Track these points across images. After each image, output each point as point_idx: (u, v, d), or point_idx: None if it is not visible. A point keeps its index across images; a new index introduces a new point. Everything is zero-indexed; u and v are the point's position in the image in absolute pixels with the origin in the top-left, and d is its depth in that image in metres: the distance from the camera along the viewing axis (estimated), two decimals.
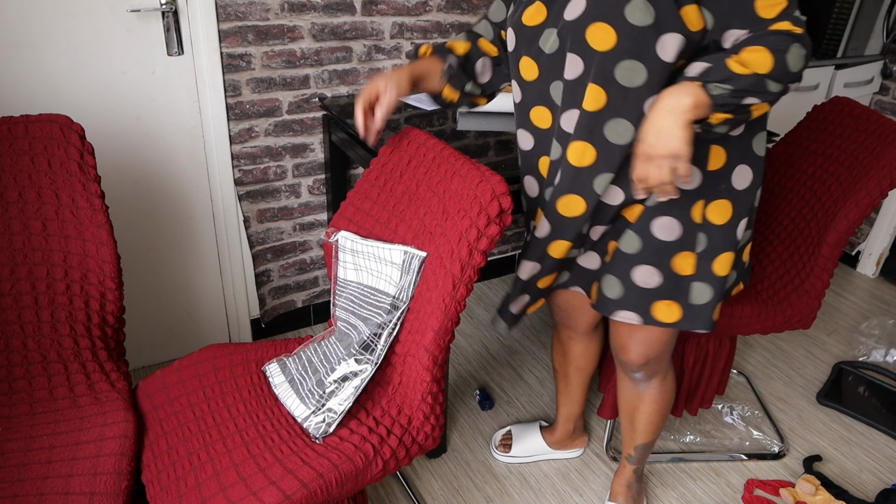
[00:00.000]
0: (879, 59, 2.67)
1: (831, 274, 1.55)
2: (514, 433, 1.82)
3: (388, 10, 1.98)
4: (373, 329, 1.24)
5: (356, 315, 1.29)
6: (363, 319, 1.26)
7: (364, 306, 1.28)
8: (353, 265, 1.32)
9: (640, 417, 1.48)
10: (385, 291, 1.24)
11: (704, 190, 1.17)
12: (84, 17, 1.59)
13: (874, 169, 1.47)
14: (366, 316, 1.26)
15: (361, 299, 1.29)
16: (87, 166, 1.31)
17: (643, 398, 1.45)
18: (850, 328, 2.50)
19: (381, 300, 1.25)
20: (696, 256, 1.21)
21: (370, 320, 1.25)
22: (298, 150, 2.03)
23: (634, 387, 1.45)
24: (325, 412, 1.18)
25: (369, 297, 1.27)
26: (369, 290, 1.28)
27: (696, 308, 1.25)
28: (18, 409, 1.23)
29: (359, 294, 1.30)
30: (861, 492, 1.77)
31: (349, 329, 1.29)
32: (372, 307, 1.26)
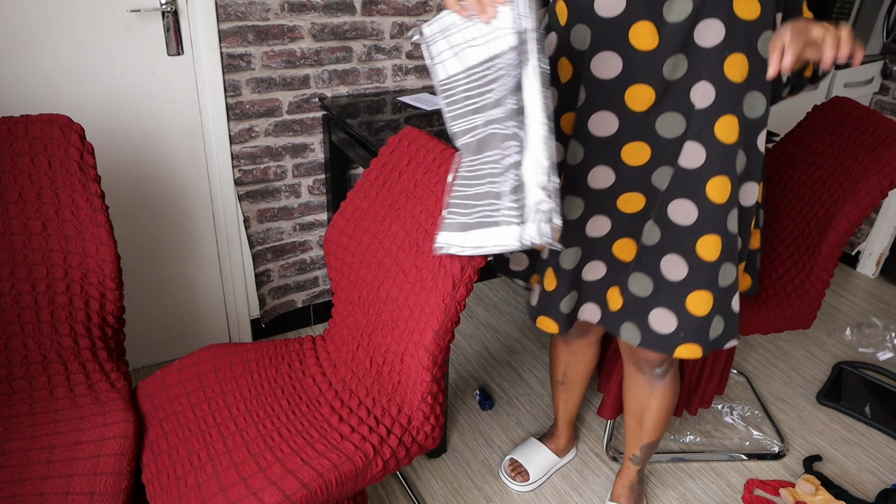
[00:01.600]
0: (879, 59, 2.67)
1: (831, 274, 1.55)
2: (521, 458, 1.75)
3: (388, 10, 1.98)
4: (508, 89, 0.94)
5: (483, 108, 1.00)
6: (495, 105, 0.98)
7: (487, 91, 0.98)
8: (450, 50, 1.01)
9: (649, 415, 1.48)
10: (504, 50, 0.94)
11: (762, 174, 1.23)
12: (84, 17, 1.59)
13: (874, 169, 1.47)
14: (497, 98, 0.97)
15: (481, 85, 1.00)
16: (87, 166, 1.31)
17: (655, 394, 1.45)
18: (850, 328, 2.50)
19: (506, 60, 0.94)
20: (759, 231, 1.27)
21: (505, 95, 0.96)
22: (298, 150, 2.03)
23: (648, 384, 1.44)
24: (533, 212, 0.93)
25: (488, 74, 0.98)
26: (484, 66, 0.98)
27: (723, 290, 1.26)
28: (18, 409, 1.23)
29: (474, 83, 1.01)
30: (861, 492, 1.77)
31: (482, 131, 1.01)
32: (497, 82, 0.96)
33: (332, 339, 1.42)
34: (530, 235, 0.93)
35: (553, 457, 1.76)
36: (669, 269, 1.19)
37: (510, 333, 2.37)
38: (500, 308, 2.52)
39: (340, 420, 1.22)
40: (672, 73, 1.08)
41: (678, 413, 1.86)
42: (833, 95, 2.19)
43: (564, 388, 1.67)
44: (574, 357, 1.59)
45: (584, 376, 1.64)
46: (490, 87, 0.98)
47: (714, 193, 1.12)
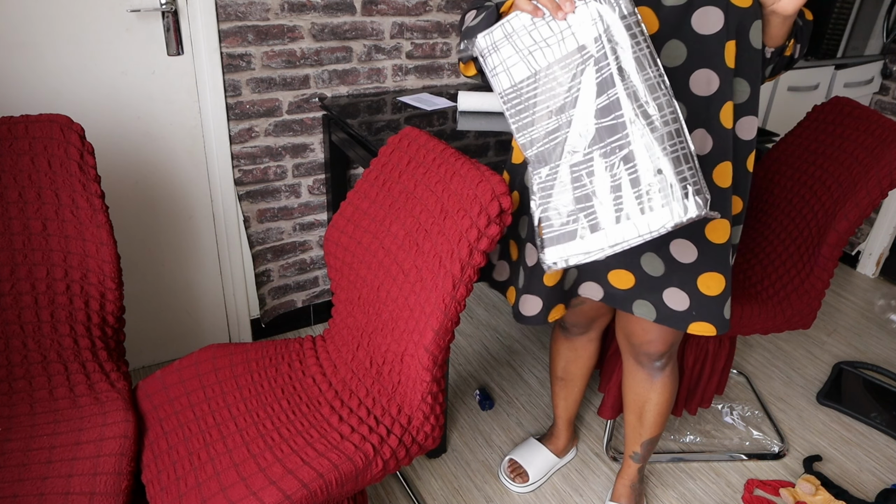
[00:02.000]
0: (879, 59, 2.67)
1: (831, 274, 1.55)
2: (520, 459, 1.75)
3: (388, 10, 1.98)
4: (608, 89, 0.87)
5: (559, 111, 0.93)
6: (573, 105, 0.91)
7: (563, 91, 0.92)
8: (517, 57, 0.93)
9: (649, 409, 1.48)
10: (582, 45, 0.88)
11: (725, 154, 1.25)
12: (84, 17, 1.59)
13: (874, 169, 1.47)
14: (576, 96, 0.91)
15: (555, 86, 0.93)
16: (87, 166, 1.31)
17: (655, 388, 1.45)
18: (849, 328, 2.50)
19: (585, 56, 0.88)
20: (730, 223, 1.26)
21: (590, 91, 0.89)
22: (298, 150, 2.03)
23: (648, 378, 1.45)
24: (684, 187, 0.85)
25: (563, 74, 0.91)
26: (560, 63, 0.91)
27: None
28: (18, 409, 1.23)
29: (545, 88, 0.94)
30: (861, 492, 1.77)
31: (557, 136, 0.94)
32: (576, 80, 0.90)
33: (332, 339, 1.42)
34: (691, 209, 0.85)
35: (552, 457, 1.76)
36: (679, 252, 1.20)
37: (510, 333, 2.37)
38: (500, 308, 2.52)
39: (340, 420, 1.22)
40: (668, 60, 1.08)
41: (678, 413, 1.86)
42: (833, 95, 2.19)
43: (564, 385, 1.66)
44: (574, 353, 1.59)
45: (585, 373, 1.63)
46: (570, 84, 0.91)
47: (720, 178, 1.14)
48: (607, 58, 0.87)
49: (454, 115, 1.90)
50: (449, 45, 2.15)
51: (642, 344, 1.38)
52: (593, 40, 0.87)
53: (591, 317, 1.50)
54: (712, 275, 1.22)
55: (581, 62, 0.90)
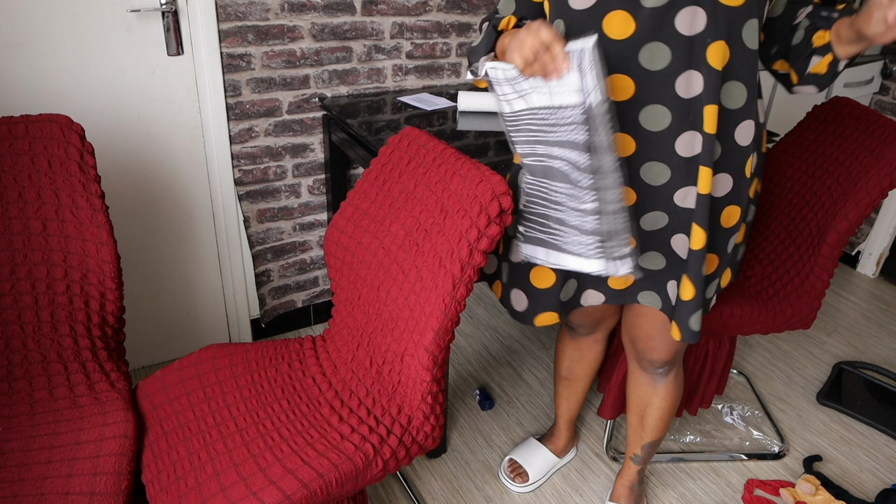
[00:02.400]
0: (879, 59, 2.67)
1: (831, 274, 1.55)
2: (520, 458, 1.75)
3: (388, 10, 1.98)
4: (578, 150, 1.04)
5: (548, 144, 1.09)
6: (558, 144, 1.08)
7: (550, 130, 1.07)
8: (514, 94, 1.08)
9: (651, 413, 1.47)
10: (568, 104, 1.02)
11: (759, 170, 1.23)
12: (84, 17, 1.59)
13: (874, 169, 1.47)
14: (559, 139, 1.07)
15: (543, 125, 1.08)
16: (87, 166, 1.31)
17: (657, 392, 1.45)
18: (850, 328, 2.50)
19: (571, 115, 1.04)
20: (746, 225, 1.27)
21: (571, 141, 1.06)
22: (298, 150, 2.03)
23: (651, 382, 1.45)
24: (614, 248, 1.08)
25: (551, 118, 1.06)
26: (547, 111, 1.06)
27: (738, 265, 1.33)
28: (18, 409, 1.23)
29: (537, 120, 1.08)
30: (861, 492, 1.77)
31: (546, 162, 1.11)
32: (561, 127, 1.05)
33: (332, 339, 1.42)
34: (611, 271, 1.09)
35: (552, 457, 1.76)
36: (680, 248, 1.20)
37: (510, 333, 2.37)
38: (499, 308, 2.52)
39: (340, 420, 1.22)
40: (650, 63, 1.05)
41: (678, 413, 1.86)
42: (833, 95, 2.19)
43: (568, 385, 1.66)
44: (580, 353, 1.59)
45: (589, 373, 1.63)
46: (553, 128, 1.06)
47: (702, 184, 1.11)
48: (581, 127, 1.02)
49: (454, 115, 1.90)
50: (449, 45, 2.15)
51: (646, 350, 1.38)
52: (578, 105, 1.01)
53: (597, 318, 1.50)
54: (685, 280, 1.22)
55: (565, 117, 1.04)
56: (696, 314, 1.20)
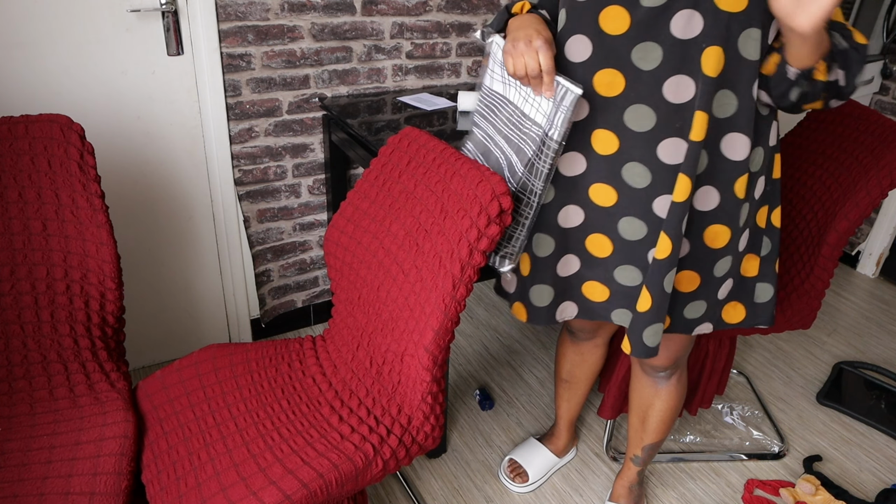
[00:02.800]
0: (879, 59, 2.67)
1: (831, 274, 1.55)
2: (520, 458, 1.74)
3: (388, 10, 1.98)
4: (520, 160, 1.13)
5: (500, 134, 1.18)
6: (507, 140, 1.17)
7: (510, 126, 1.15)
8: (500, 77, 1.16)
9: (653, 415, 1.47)
10: (533, 119, 1.10)
11: (770, 197, 1.19)
12: (84, 17, 1.59)
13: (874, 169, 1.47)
14: (511, 137, 1.15)
15: (507, 117, 1.16)
16: (87, 166, 1.31)
17: (659, 395, 1.44)
18: (850, 328, 2.50)
19: (530, 128, 1.11)
20: (761, 259, 1.23)
21: (520, 149, 1.13)
22: (298, 150, 2.03)
23: (653, 384, 1.44)
24: (505, 247, 1.19)
25: (515, 118, 1.14)
26: (515, 110, 1.14)
27: (759, 306, 1.27)
28: (18, 409, 1.23)
29: (504, 110, 1.17)
30: (861, 492, 1.77)
31: (489, 144, 1.21)
32: (518, 131, 1.13)
33: (332, 339, 1.42)
34: (493, 263, 1.22)
35: (552, 457, 1.76)
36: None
37: (510, 333, 2.37)
38: (500, 308, 2.52)
39: (340, 420, 1.22)
40: (643, 62, 1.04)
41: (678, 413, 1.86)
42: None
43: (568, 387, 1.66)
44: (581, 357, 1.59)
45: (590, 376, 1.63)
46: (512, 127, 1.15)
47: (678, 193, 1.08)
48: (533, 144, 1.11)
49: (454, 115, 1.90)
50: (449, 45, 2.15)
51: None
52: (541, 128, 1.09)
53: (597, 322, 1.49)
54: (734, 304, 1.21)
55: (524, 129, 1.12)
56: (651, 328, 1.15)
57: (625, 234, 1.16)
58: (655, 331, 1.17)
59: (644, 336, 1.17)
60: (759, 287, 1.26)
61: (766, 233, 1.22)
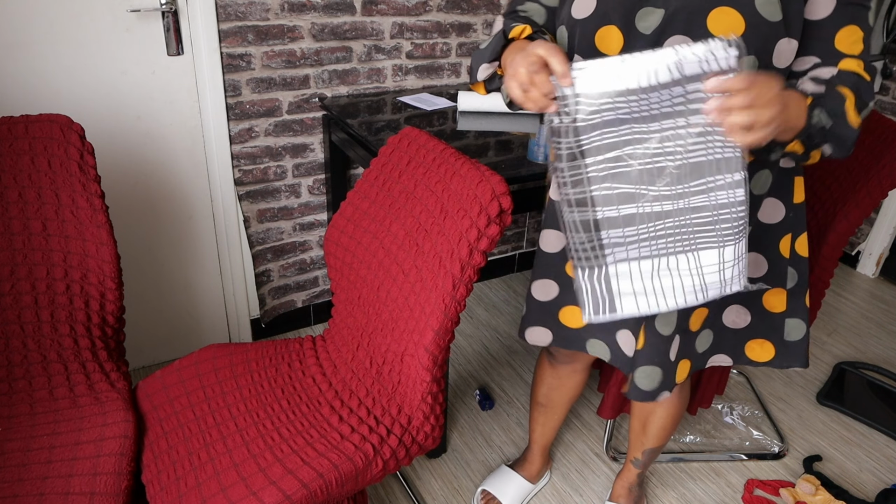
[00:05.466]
0: (879, 59, 2.67)
1: (831, 274, 1.56)
2: (493, 489, 1.66)
3: (388, 10, 1.98)
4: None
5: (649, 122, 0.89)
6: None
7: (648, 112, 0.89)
8: (629, 130, 0.89)
9: (654, 422, 1.45)
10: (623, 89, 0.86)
11: (793, 224, 1.13)
12: (84, 17, 1.59)
13: (874, 169, 1.47)
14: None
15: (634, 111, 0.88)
16: (87, 166, 1.31)
17: (661, 403, 1.41)
18: (850, 328, 2.50)
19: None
20: (787, 293, 1.18)
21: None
22: (298, 150, 2.03)
23: None
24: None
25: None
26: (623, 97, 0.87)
27: (791, 345, 1.22)
28: (18, 409, 1.23)
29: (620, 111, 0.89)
30: (861, 492, 1.77)
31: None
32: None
33: (332, 339, 1.42)
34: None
35: (526, 484, 1.68)
36: None
37: (510, 333, 2.37)
38: (500, 308, 2.52)
39: (340, 420, 1.22)
40: None
41: None
42: None
43: (544, 411, 1.58)
44: (559, 381, 1.52)
45: (567, 401, 1.56)
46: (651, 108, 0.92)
47: None
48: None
49: (454, 115, 1.90)
50: (449, 45, 2.15)
51: None
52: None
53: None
54: (761, 342, 1.17)
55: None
56: (642, 370, 1.13)
57: None
58: (648, 374, 1.14)
59: (635, 377, 1.15)
60: (788, 323, 1.20)
61: (790, 263, 1.16)
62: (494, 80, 1.09)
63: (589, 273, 0.97)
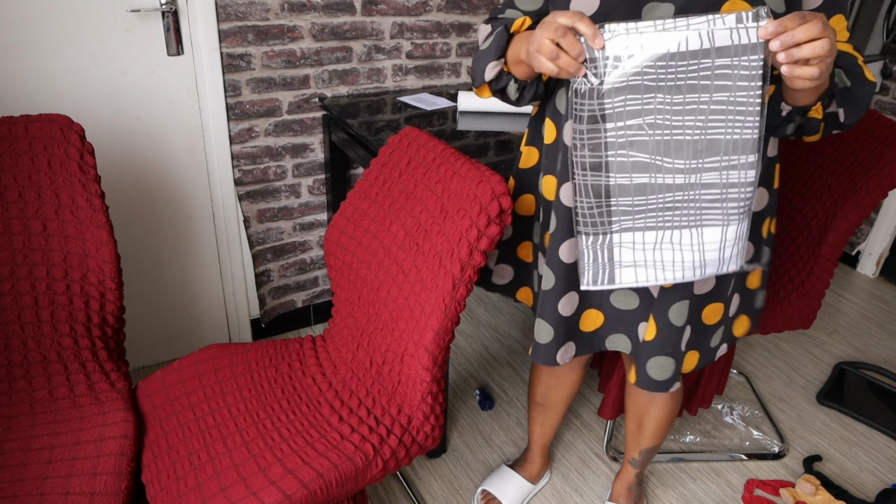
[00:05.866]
0: (879, 59, 2.67)
1: (831, 274, 1.56)
2: (493, 489, 1.66)
3: (388, 10, 1.98)
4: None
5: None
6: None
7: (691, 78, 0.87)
8: (652, 99, 0.89)
9: (648, 422, 1.45)
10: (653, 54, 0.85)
11: (773, 208, 1.19)
12: (84, 17, 1.59)
13: (874, 169, 1.47)
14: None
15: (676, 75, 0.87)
16: (87, 166, 1.31)
17: (655, 402, 1.42)
18: (850, 328, 2.50)
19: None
20: (761, 270, 1.24)
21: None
22: (298, 150, 2.03)
23: (648, 393, 1.42)
24: None
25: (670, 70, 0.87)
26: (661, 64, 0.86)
27: (756, 312, 1.29)
28: (18, 409, 1.23)
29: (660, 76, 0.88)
30: (861, 492, 1.77)
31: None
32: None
33: (332, 339, 1.42)
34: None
35: (527, 485, 1.68)
36: (654, 286, 1.16)
37: (510, 333, 2.37)
38: (500, 308, 2.52)
39: (340, 420, 1.22)
40: None
41: (678, 413, 1.86)
42: None
43: (542, 411, 1.58)
44: (556, 380, 1.52)
45: (565, 399, 1.56)
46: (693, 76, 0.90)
47: None
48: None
49: (454, 115, 1.90)
50: (449, 45, 2.15)
51: None
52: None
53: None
54: (742, 318, 1.20)
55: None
56: (655, 360, 1.14)
57: None
58: (661, 364, 1.15)
59: (648, 367, 1.16)
60: (758, 295, 1.28)
61: (766, 243, 1.21)
62: (501, 78, 1.07)
63: (593, 240, 0.98)
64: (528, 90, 1.08)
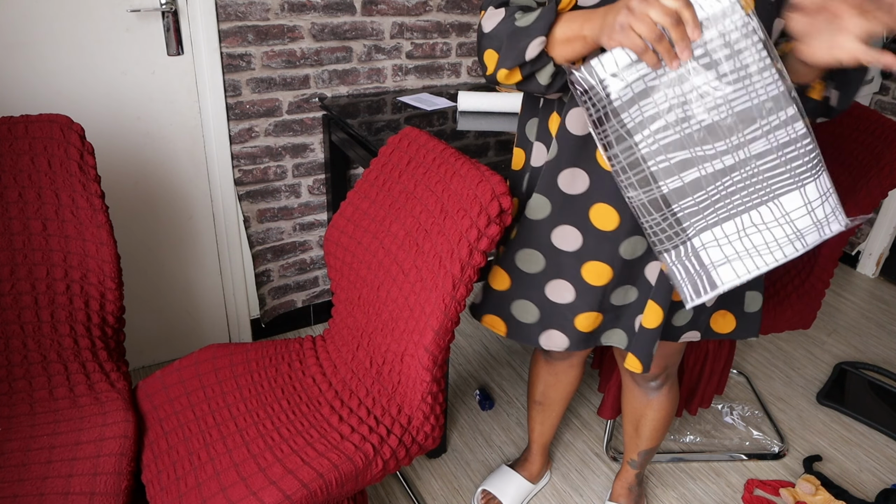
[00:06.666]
0: None
1: (831, 274, 1.56)
2: (493, 489, 1.66)
3: (388, 10, 1.98)
4: None
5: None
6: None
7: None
8: (664, 97, 0.86)
9: (646, 424, 1.45)
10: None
11: None
12: (84, 17, 1.59)
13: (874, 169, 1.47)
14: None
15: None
16: (87, 166, 1.31)
17: (651, 405, 1.42)
18: (850, 328, 2.50)
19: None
20: None
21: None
22: (298, 150, 2.03)
23: (644, 395, 1.42)
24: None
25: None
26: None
27: (749, 316, 1.25)
28: (18, 409, 1.23)
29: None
30: (861, 492, 1.77)
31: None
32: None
33: (332, 339, 1.43)
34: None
35: (527, 484, 1.68)
36: (652, 274, 1.15)
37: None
38: None
39: (340, 420, 1.22)
40: (632, 254, 1.10)
41: (678, 413, 1.86)
42: None
43: (542, 409, 1.58)
44: (555, 377, 1.51)
45: (565, 397, 1.55)
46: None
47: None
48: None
49: (454, 115, 1.90)
50: (449, 45, 2.15)
51: None
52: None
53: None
54: (724, 314, 1.19)
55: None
56: (652, 305, 1.15)
57: (625, 254, 1.13)
58: (657, 312, 1.16)
59: (644, 318, 1.15)
60: (748, 295, 1.23)
61: None
62: (541, 58, 0.97)
63: (676, 254, 0.94)
64: (560, 78, 1.00)
